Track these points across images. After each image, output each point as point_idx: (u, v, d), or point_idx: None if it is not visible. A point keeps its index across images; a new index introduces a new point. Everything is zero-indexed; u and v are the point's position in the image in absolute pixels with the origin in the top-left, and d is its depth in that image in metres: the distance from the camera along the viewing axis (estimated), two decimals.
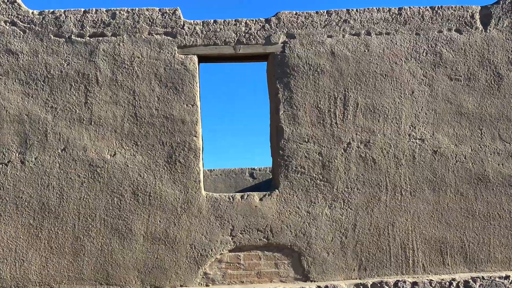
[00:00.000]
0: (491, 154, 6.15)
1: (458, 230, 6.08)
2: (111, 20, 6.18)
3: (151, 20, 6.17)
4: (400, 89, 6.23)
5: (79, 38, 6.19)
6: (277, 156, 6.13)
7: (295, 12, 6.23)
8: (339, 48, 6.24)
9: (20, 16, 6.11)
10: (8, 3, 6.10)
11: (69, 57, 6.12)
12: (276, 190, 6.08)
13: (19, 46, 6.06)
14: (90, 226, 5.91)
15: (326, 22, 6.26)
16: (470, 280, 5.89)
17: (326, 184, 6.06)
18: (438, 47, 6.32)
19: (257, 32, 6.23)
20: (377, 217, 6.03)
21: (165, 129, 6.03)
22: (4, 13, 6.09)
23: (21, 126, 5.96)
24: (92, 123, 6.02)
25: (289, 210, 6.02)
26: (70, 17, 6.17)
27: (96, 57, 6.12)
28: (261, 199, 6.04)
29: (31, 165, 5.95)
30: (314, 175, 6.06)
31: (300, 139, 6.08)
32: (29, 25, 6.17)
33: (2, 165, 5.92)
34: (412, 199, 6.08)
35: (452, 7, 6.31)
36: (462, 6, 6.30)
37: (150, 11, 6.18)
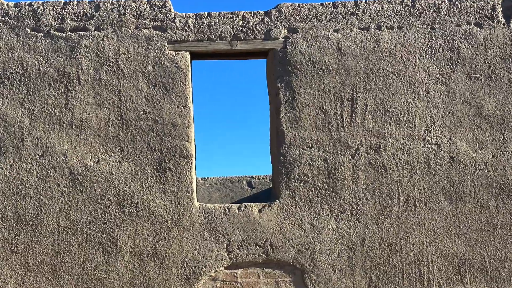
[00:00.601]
0: None
1: (478, 244, 5.95)
2: (94, 12, 6.09)
3: (139, 13, 6.07)
4: (413, 89, 6.09)
5: (59, 33, 6.09)
6: (277, 163, 6.01)
7: (297, 4, 6.15)
8: (347, 43, 6.12)
9: None
10: None
11: (48, 53, 6.03)
12: (277, 201, 5.96)
13: None
14: (71, 240, 5.80)
15: (332, 15, 6.15)
16: None
17: (332, 194, 5.93)
18: (456, 43, 6.18)
19: (255, 26, 6.12)
20: (388, 230, 5.89)
21: (154, 133, 5.93)
22: None
23: None
24: (73, 126, 5.92)
25: (291, 223, 5.89)
26: (49, 10, 6.07)
27: (78, 54, 6.02)
28: (260, 211, 5.92)
29: (5, 173, 5.87)
30: (319, 184, 5.93)
31: (303, 144, 5.96)
32: (3, 18, 6.09)
33: None
34: (427, 210, 5.94)
35: None
36: None
37: (137, 2, 6.08)
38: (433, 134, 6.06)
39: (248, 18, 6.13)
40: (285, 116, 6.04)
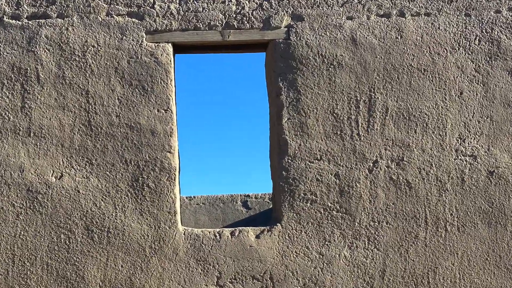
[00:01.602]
0: None
1: None
2: None
3: None
4: (444, 89, 5.94)
5: (13, 21, 5.90)
6: (279, 178, 5.83)
7: None
8: (363, 33, 5.96)
9: None
10: None
11: (0, 46, 5.87)
12: (278, 225, 5.79)
13: None
14: (28, 272, 5.61)
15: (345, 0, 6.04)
16: None
17: (345, 217, 5.78)
18: (495, 33, 6.02)
19: (252, 13, 5.94)
20: (413, 260, 5.74)
21: (129, 142, 5.76)
22: None
23: None
24: (32, 134, 5.76)
25: (295, 251, 5.74)
26: None
27: (37, 46, 5.84)
28: (257, 237, 5.77)
29: None
30: (329, 204, 5.78)
31: (310, 156, 5.82)
32: None
33: None
34: (461, 236, 5.79)
35: None
36: None
37: None
38: (468, 143, 5.91)
39: (243, 3, 5.96)
40: (288, 122, 5.87)
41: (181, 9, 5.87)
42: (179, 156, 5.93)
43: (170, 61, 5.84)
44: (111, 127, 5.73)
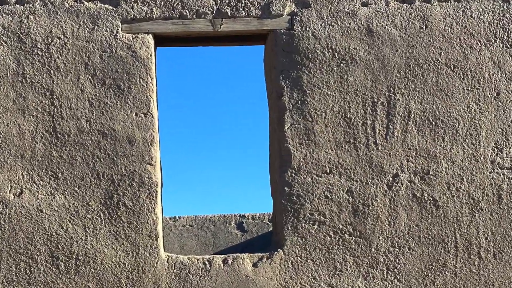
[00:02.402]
0: None
1: None
2: None
3: None
4: (477, 89, 5.70)
5: None
6: (280, 195, 5.59)
7: None
8: (380, 23, 5.71)
9: None
10: None
11: None
12: (280, 251, 5.54)
13: None
14: None
15: None
16: None
17: (359, 241, 5.54)
18: None
19: None
20: None
21: (102, 152, 5.52)
22: None
23: None
24: None
25: (300, 282, 5.54)
26: None
27: None
28: (255, 265, 5.53)
29: None
30: (340, 226, 5.54)
31: (317, 169, 5.58)
32: None
33: None
34: (497, 264, 5.59)
35: None
36: None
37: None
38: (506, 153, 5.72)
39: None
40: (292, 128, 5.62)
41: None
42: (161, 169, 5.72)
43: (150, 55, 5.62)
44: (80, 135, 5.50)
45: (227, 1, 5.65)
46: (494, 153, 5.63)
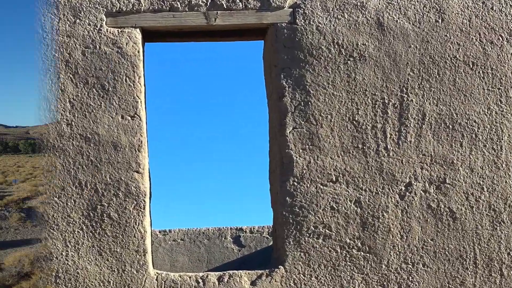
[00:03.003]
0: None
1: None
2: None
3: None
4: (499, 89, 5.51)
5: None
6: (282, 206, 5.41)
7: None
8: (392, 16, 5.48)
9: None
10: None
11: None
12: (281, 267, 5.36)
13: None
14: None
15: None
16: None
17: (368, 257, 5.37)
18: None
19: None
20: None
21: (85, 159, 5.29)
22: None
23: None
24: None
25: None
26: None
27: None
28: (253, 283, 5.36)
29: None
30: (348, 241, 5.37)
31: (322, 177, 5.38)
32: None
33: None
34: None
35: None
36: None
37: None
38: None
39: None
40: (294, 132, 5.42)
41: None
42: (150, 177, 5.54)
43: (138, 51, 5.42)
44: (60, 139, 5.25)
45: None
46: None
